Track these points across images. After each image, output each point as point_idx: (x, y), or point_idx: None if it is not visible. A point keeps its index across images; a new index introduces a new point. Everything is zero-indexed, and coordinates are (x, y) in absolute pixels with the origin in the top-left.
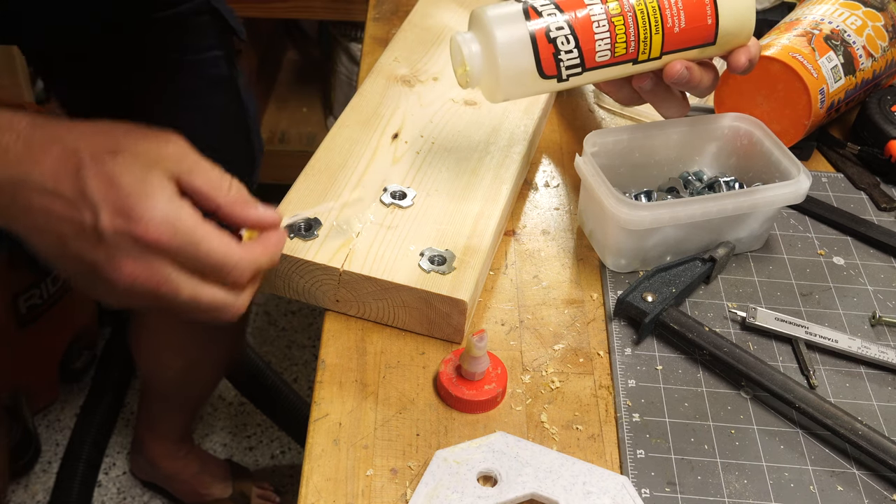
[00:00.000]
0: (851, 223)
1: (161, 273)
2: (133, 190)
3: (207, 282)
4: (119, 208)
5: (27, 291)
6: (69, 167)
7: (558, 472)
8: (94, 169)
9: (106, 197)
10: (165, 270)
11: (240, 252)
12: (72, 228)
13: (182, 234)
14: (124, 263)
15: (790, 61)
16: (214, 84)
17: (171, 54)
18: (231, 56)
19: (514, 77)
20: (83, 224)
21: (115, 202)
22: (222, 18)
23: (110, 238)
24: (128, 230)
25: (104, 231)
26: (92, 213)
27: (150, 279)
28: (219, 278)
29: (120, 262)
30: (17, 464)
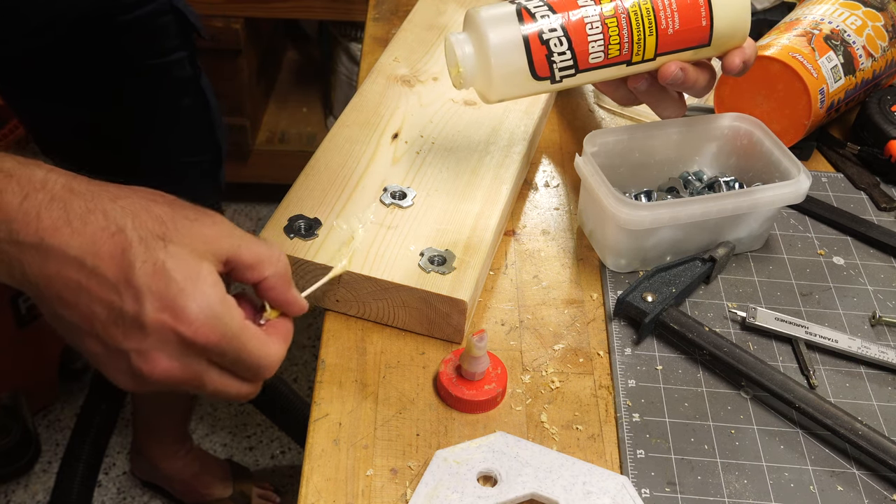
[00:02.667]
0: (851, 223)
1: (195, 370)
2: (184, 286)
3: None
4: (167, 303)
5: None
6: (114, 246)
7: (558, 472)
8: (143, 254)
9: (153, 287)
10: (200, 367)
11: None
12: (106, 312)
13: (228, 337)
14: (160, 358)
15: (790, 61)
16: (180, 86)
17: (136, 58)
18: (194, 55)
19: (506, 78)
20: (122, 310)
21: (163, 295)
22: (184, 17)
23: (152, 331)
24: (174, 327)
25: (146, 323)
26: (135, 302)
27: (182, 375)
28: (248, 376)
29: (156, 356)
30: (17, 464)
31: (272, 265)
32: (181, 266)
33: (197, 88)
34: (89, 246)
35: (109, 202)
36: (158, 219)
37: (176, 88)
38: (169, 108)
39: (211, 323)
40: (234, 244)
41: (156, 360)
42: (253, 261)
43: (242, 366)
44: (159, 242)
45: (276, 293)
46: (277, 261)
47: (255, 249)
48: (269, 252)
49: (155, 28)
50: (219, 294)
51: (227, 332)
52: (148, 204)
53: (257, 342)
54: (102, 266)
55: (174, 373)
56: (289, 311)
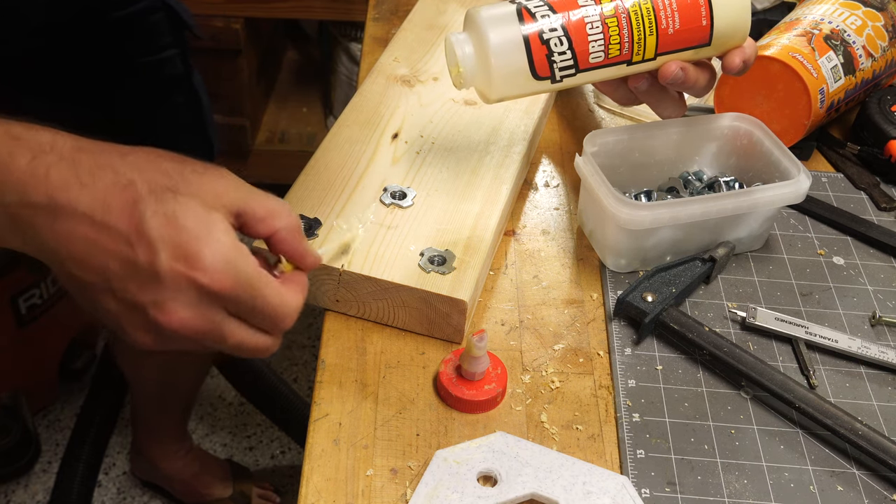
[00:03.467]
0: (851, 223)
1: (213, 320)
2: (195, 233)
3: (254, 327)
4: (180, 251)
5: (27, 291)
6: (124, 199)
7: (558, 472)
8: (152, 205)
9: (167, 237)
10: (218, 316)
11: (291, 300)
12: (120, 265)
13: (243, 283)
14: (179, 308)
15: (790, 61)
16: (172, 84)
17: (128, 56)
18: (186, 53)
19: (507, 78)
20: (136, 262)
21: (176, 244)
22: (176, 15)
23: (168, 281)
24: (189, 275)
25: (161, 273)
26: (149, 252)
27: (202, 325)
28: (267, 325)
29: (173, 307)
30: (17, 464)
31: (283, 218)
32: (192, 215)
33: (189, 86)
34: (99, 201)
35: (118, 158)
36: (167, 173)
37: (168, 86)
38: (161, 105)
39: (226, 269)
40: (244, 196)
41: (173, 311)
42: (264, 213)
43: (260, 314)
44: (169, 194)
45: (288, 245)
46: (288, 214)
47: (265, 202)
48: (280, 206)
49: (147, 25)
50: (232, 241)
51: (242, 278)
52: (156, 159)
53: (273, 289)
54: (113, 219)
55: (193, 323)
56: (302, 263)
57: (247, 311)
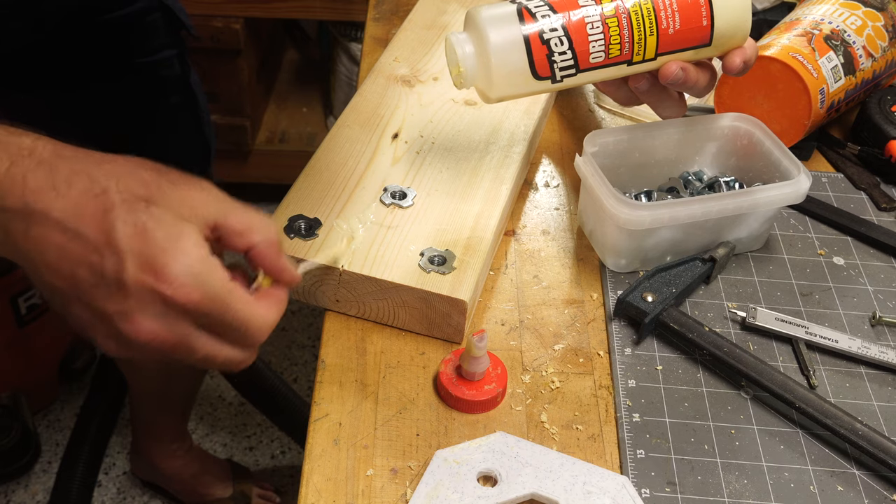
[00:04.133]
0: (851, 223)
1: (180, 333)
2: (165, 245)
3: (224, 341)
4: (148, 263)
5: (27, 291)
6: (96, 207)
7: (558, 472)
8: (124, 215)
9: (134, 248)
10: (185, 330)
11: (262, 315)
12: (88, 273)
13: (210, 297)
14: (143, 320)
15: (790, 61)
16: (169, 85)
17: (124, 57)
18: (183, 53)
19: (507, 78)
20: (103, 272)
21: (144, 255)
22: (173, 15)
23: (133, 292)
24: (155, 287)
25: (127, 284)
26: (116, 262)
27: (169, 338)
28: (238, 340)
29: (139, 318)
30: (17, 464)
31: (261, 232)
32: (163, 227)
33: (186, 87)
34: (72, 208)
35: (95, 166)
36: (143, 182)
37: (164, 87)
38: (158, 105)
39: (192, 282)
40: (222, 209)
41: (139, 322)
42: (241, 227)
43: (229, 328)
44: (142, 204)
45: (265, 260)
46: (266, 228)
47: (243, 216)
48: (258, 220)
49: (143, 26)
50: (201, 254)
51: (210, 292)
52: (134, 168)
53: (243, 304)
54: (84, 228)
55: (159, 335)
56: (280, 278)
57: (216, 325)
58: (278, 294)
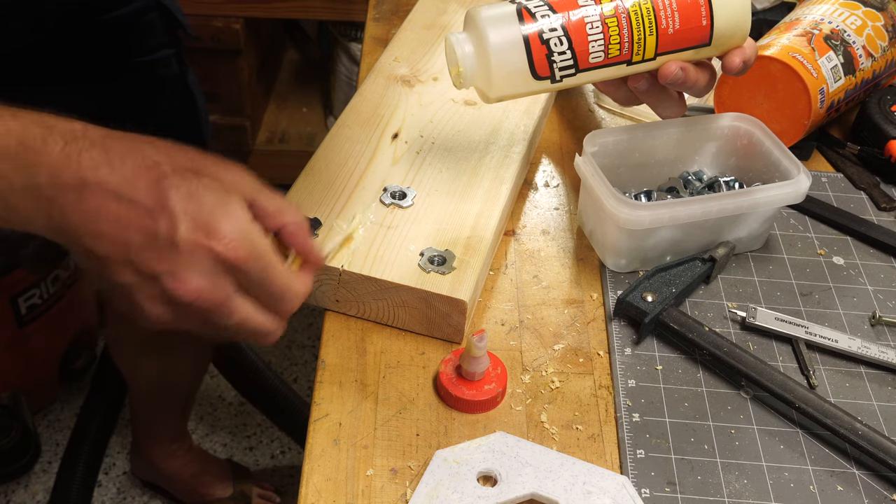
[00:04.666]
0: (851, 223)
1: (225, 291)
2: (215, 208)
3: (260, 308)
4: (200, 223)
5: (27, 291)
6: (150, 177)
7: (558, 472)
8: (176, 182)
9: (187, 209)
10: (229, 289)
11: (297, 283)
12: (141, 237)
13: (257, 257)
14: (192, 278)
15: (790, 61)
16: (167, 84)
17: (122, 56)
18: (181, 53)
19: (506, 78)
20: (156, 233)
21: (196, 216)
22: (170, 14)
23: (185, 250)
24: (207, 245)
25: (181, 242)
26: (169, 223)
27: (213, 296)
28: (274, 305)
29: (188, 276)
30: (17, 464)
31: (292, 214)
32: (212, 194)
33: (183, 86)
34: (128, 180)
35: (145, 144)
36: (191, 158)
37: (162, 86)
38: (155, 105)
39: (242, 239)
40: (257, 188)
41: (187, 279)
42: (273, 208)
43: (267, 290)
44: (191, 174)
45: (296, 239)
46: (296, 211)
47: (273, 198)
48: (286, 203)
49: (140, 25)
50: (248, 217)
51: (256, 251)
52: (179, 147)
53: (282, 269)
54: (140, 195)
55: (204, 293)
56: (309, 258)
57: (256, 286)
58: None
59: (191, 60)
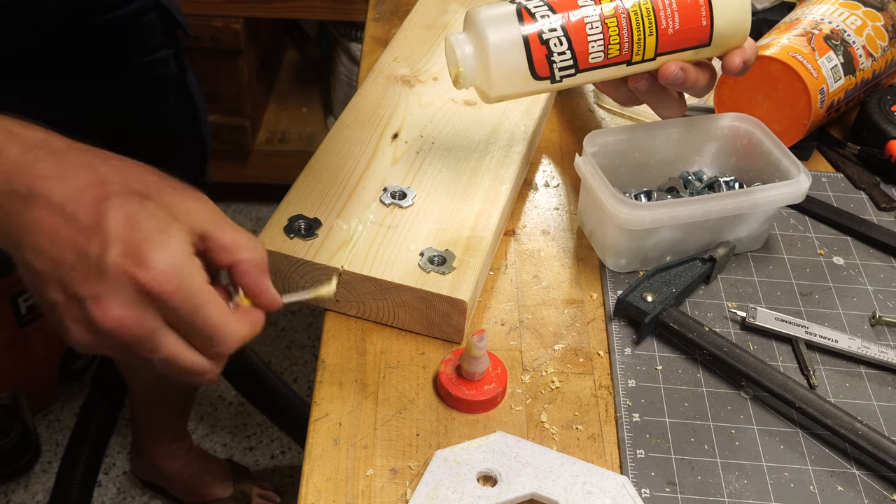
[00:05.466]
0: (851, 223)
1: (149, 325)
2: (152, 236)
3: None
4: (130, 249)
5: (27, 291)
6: (94, 195)
7: (558, 472)
8: (118, 203)
9: (121, 235)
10: (154, 324)
11: (234, 325)
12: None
13: (185, 292)
14: (113, 305)
15: (790, 61)
16: (166, 85)
17: (121, 57)
18: (180, 53)
19: (506, 78)
20: (87, 254)
21: (129, 243)
22: (169, 15)
23: (112, 276)
24: (132, 273)
25: (108, 267)
26: (100, 245)
27: (135, 329)
28: (204, 346)
29: (111, 304)
30: (17, 464)
31: (248, 251)
32: (153, 221)
33: (183, 87)
34: (73, 195)
35: (102, 161)
36: (144, 181)
37: (161, 86)
38: (155, 105)
39: (170, 272)
40: (213, 221)
41: (109, 307)
42: (229, 243)
43: (197, 329)
44: (137, 198)
45: (249, 279)
46: (254, 248)
47: (232, 233)
48: (248, 240)
49: (140, 26)
50: (184, 250)
51: (185, 286)
52: (138, 169)
53: (216, 308)
54: (80, 213)
55: (126, 323)
56: (260, 300)
57: (184, 323)
58: (255, 315)
59: (191, 60)
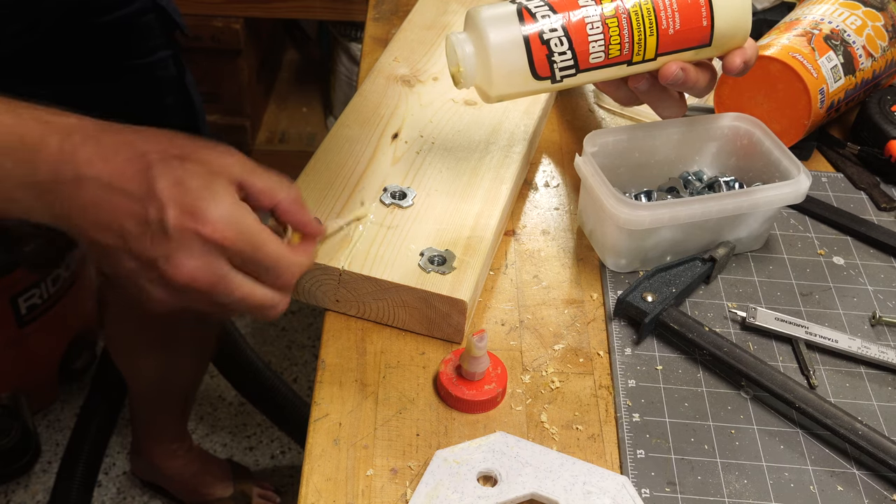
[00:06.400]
0: (851, 223)
1: (219, 272)
2: (200, 192)
3: (259, 282)
4: (186, 207)
5: (27, 291)
6: (138, 167)
7: (558, 472)
8: (162, 170)
9: (173, 196)
10: (223, 269)
11: (292, 256)
12: (135, 224)
13: (245, 235)
14: (185, 261)
15: (790, 61)
16: (164, 86)
17: (120, 59)
18: (178, 54)
19: (507, 78)
20: (148, 219)
21: (182, 201)
22: (167, 15)
23: (175, 235)
24: (194, 228)
25: (170, 227)
26: (158, 210)
27: (208, 277)
28: (271, 279)
29: (181, 260)
30: (17, 464)
31: (284, 190)
32: (197, 178)
33: (181, 87)
34: (119, 171)
35: (136, 135)
36: (178, 145)
37: (160, 88)
38: (153, 107)
39: (227, 222)
40: (247, 169)
41: (181, 263)
42: (265, 186)
43: (262, 266)
44: (177, 161)
45: (291, 215)
46: (289, 187)
47: (267, 177)
48: (281, 181)
49: (138, 27)
50: (233, 199)
51: (243, 231)
52: (170, 135)
53: (274, 243)
54: (130, 185)
55: (199, 275)
56: (306, 230)
57: (250, 263)
58: (307, 245)
59: (191, 60)
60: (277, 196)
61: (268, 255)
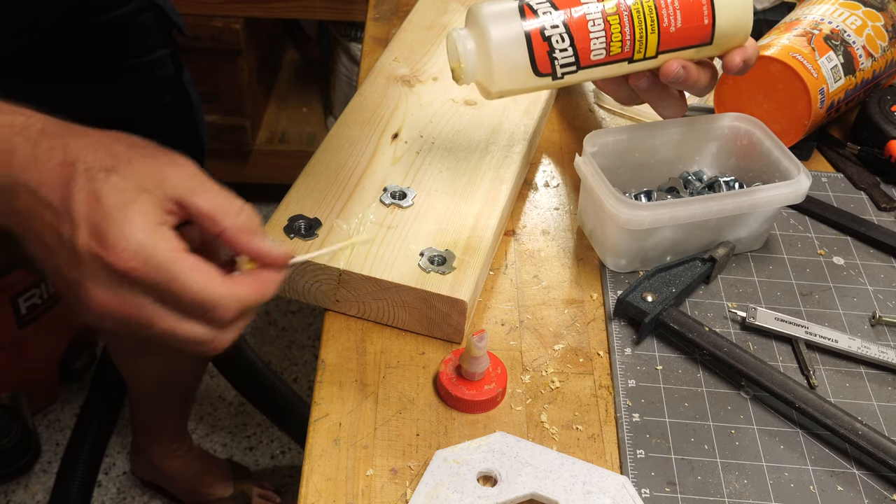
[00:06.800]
0: (851, 223)
1: (134, 304)
2: (113, 213)
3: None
4: (95, 229)
5: (27, 291)
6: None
7: (558, 472)
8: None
9: (86, 215)
10: (139, 301)
11: (221, 289)
12: (54, 240)
13: (154, 266)
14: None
15: (790, 61)
16: (163, 85)
17: (118, 58)
18: (176, 53)
19: (508, 74)
20: (63, 238)
21: (93, 222)
22: (165, 15)
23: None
24: (99, 255)
25: (79, 250)
26: (70, 229)
27: (122, 308)
28: (197, 314)
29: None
30: (17, 464)
31: (230, 216)
32: (115, 195)
33: (179, 86)
34: (45, 179)
35: (74, 139)
36: (113, 154)
37: (158, 87)
38: (151, 106)
39: (134, 248)
40: (189, 187)
41: (91, 290)
42: (209, 209)
43: (182, 300)
44: (102, 173)
45: (236, 245)
46: (237, 212)
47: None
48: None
49: (136, 26)
50: (147, 223)
51: (152, 261)
52: (110, 141)
53: (194, 274)
54: (52, 196)
55: (112, 305)
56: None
57: (167, 297)
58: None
59: (191, 60)
60: (222, 223)
61: (185, 290)
